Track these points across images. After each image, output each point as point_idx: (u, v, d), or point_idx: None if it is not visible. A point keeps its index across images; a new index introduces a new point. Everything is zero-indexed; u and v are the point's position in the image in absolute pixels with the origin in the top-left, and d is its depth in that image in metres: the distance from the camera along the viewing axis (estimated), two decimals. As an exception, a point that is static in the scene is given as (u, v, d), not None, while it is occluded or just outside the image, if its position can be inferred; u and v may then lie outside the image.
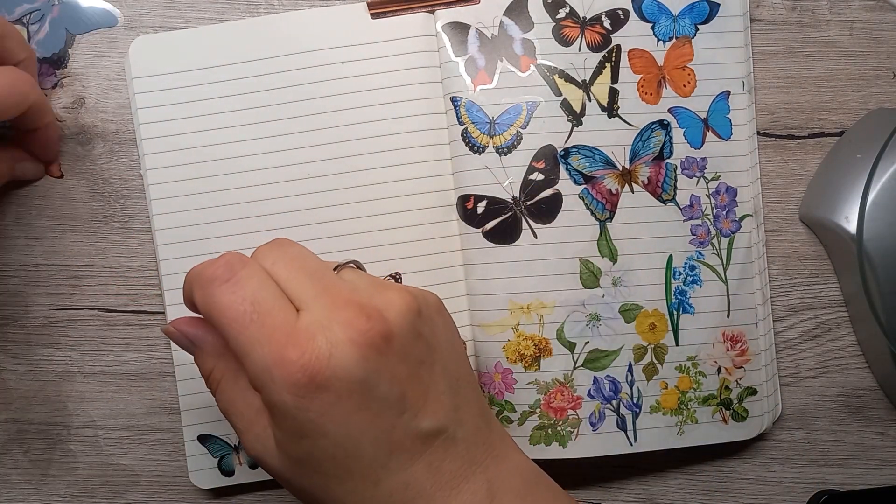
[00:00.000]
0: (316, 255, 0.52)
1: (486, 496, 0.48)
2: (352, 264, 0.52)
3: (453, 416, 0.49)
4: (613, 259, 0.64)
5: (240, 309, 0.46)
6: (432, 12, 0.64)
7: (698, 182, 0.64)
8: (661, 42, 0.64)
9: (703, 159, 0.64)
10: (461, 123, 0.63)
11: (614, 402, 0.64)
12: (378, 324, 0.46)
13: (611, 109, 0.64)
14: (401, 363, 0.47)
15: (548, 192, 0.63)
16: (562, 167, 0.63)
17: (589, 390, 0.64)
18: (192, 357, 0.53)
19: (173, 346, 0.64)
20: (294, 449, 0.47)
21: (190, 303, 0.50)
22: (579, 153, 0.64)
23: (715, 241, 0.65)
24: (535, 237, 0.63)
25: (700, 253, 0.65)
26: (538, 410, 0.64)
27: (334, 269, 0.51)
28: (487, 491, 0.48)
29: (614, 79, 0.64)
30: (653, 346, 0.65)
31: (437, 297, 0.52)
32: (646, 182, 0.64)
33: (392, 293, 0.48)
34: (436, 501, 0.47)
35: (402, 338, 0.47)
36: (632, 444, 0.65)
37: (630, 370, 0.64)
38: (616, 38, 0.64)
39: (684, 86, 0.64)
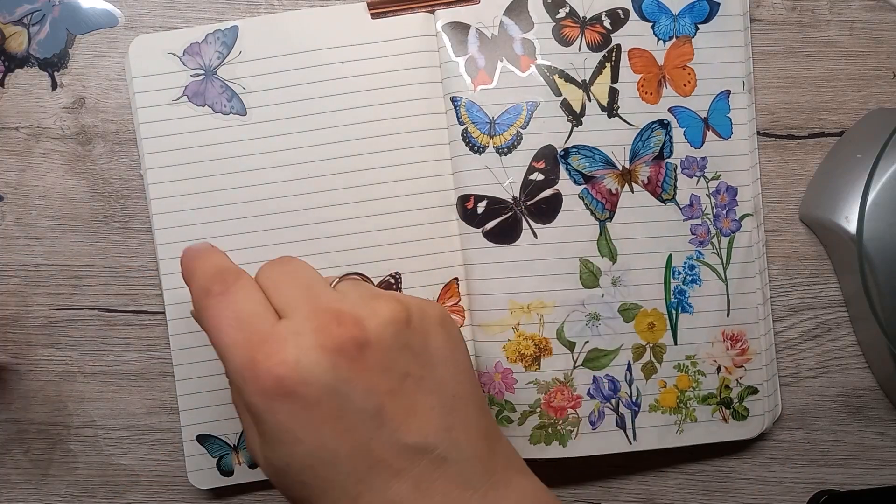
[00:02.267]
0: (316, 271, 0.51)
1: None
2: (355, 276, 0.52)
3: (445, 436, 0.47)
4: (613, 259, 0.64)
5: (224, 318, 0.47)
6: (432, 12, 0.64)
7: (698, 182, 0.65)
8: (661, 41, 0.64)
9: (704, 159, 0.64)
10: (461, 123, 0.63)
11: (614, 400, 0.64)
12: (350, 330, 0.45)
13: (611, 109, 0.64)
14: (379, 374, 0.46)
15: (548, 192, 0.63)
16: (562, 167, 0.63)
17: (588, 389, 0.64)
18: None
19: (173, 345, 0.64)
20: (273, 457, 0.47)
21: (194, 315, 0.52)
22: (579, 153, 0.64)
23: (715, 240, 0.65)
24: (535, 237, 0.63)
25: (700, 252, 0.65)
26: (538, 410, 0.64)
27: (333, 283, 0.51)
28: None
29: (614, 78, 0.64)
30: (651, 345, 0.65)
31: (441, 309, 0.51)
32: (646, 182, 0.64)
33: (380, 303, 0.47)
34: None
35: (381, 348, 0.46)
36: (631, 443, 0.65)
37: (629, 369, 0.65)
38: (616, 38, 0.64)
39: (684, 85, 0.65)
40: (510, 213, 0.63)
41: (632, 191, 0.64)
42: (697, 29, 0.65)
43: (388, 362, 0.46)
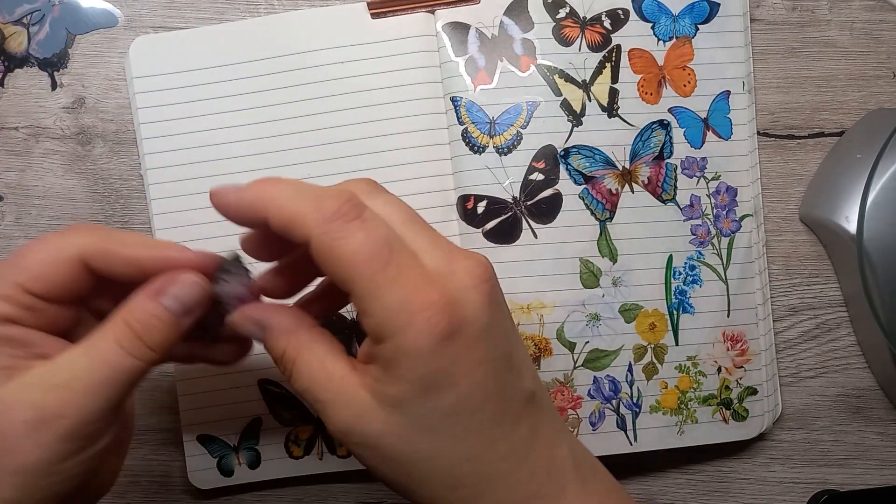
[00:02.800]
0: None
1: (572, 465, 0.47)
2: None
3: (538, 382, 0.48)
4: (613, 259, 0.64)
5: (375, 249, 0.43)
6: (432, 12, 0.64)
7: (698, 182, 0.65)
8: (661, 42, 0.64)
9: (704, 159, 0.64)
10: (461, 123, 0.63)
11: (614, 401, 0.64)
12: (491, 276, 0.45)
13: (611, 109, 0.64)
14: (507, 318, 0.47)
15: (548, 192, 0.63)
16: (562, 167, 0.63)
17: (589, 390, 0.64)
18: (262, 343, 0.49)
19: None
20: (417, 403, 0.44)
21: (254, 223, 0.48)
22: (579, 153, 0.64)
23: (715, 240, 0.65)
24: (536, 237, 0.63)
25: (700, 253, 0.65)
26: (538, 410, 0.64)
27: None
28: (573, 459, 0.47)
29: (614, 79, 0.64)
30: (653, 345, 0.65)
31: None
32: (646, 182, 0.64)
33: (479, 257, 0.46)
34: (537, 469, 0.46)
35: (502, 294, 0.47)
36: (632, 444, 0.65)
37: (630, 370, 0.64)
38: (616, 38, 0.64)
39: (684, 86, 0.65)
40: (510, 213, 0.63)
41: (632, 191, 0.64)
42: (697, 29, 0.65)
43: (507, 309, 0.47)
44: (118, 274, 0.47)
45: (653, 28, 0.64)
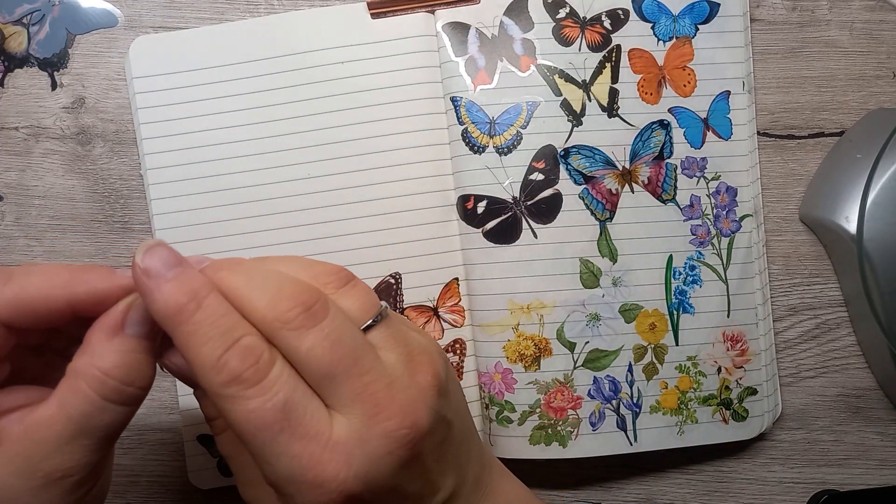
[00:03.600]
0: (359, 307, 0.45)
1: None
2: (381, 311, 0.46)
3: (460, 477, 0.47)
4: (613, 259, 0.64)
5: (268, 417, 0.40)
6: (432, 12, 0.64)
7: (698, 182, 0.65)
8: (661, 42, 0.64)
9: (704, 159, 0.64)
10: (461, 123, 0.63)
11: (614, 401, 0.64)
12: (416, 430, 0.43)
13: (611, 109, 0.64)
14: (429, 455, 0.44)
15: (548, 192, 0.63)
16: (562, 167, 0.63)
17: (589, 390, 0.64)
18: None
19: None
20: None
21: (190, 381, 0.46)
22: (579, 153, 0.64)
23: (715, 240, 0.65)
24: (536, 237, 0.63)
25: (700, 253, 0.65)
26: (538, 410, 0.64)
27: (363, 328, 0.44)
28: None
29: (614, 79, 0.64)
30: (653, 345, 0.65)
31: (442, 350, 0.48)
32: (646, 182, 0.64)
33: (423, 374, 0.45)
34: None
35: (432, 431, 0.44)
36: (632, 444, 0.65)
37: (630, 370, 0.64)
38: (616, 38, 0.64)
39: (684, 86, 0.65)
40: (510, 213, 0.63)
41: (632, 191, 0.64)
42: (697, 29, 0.65)
43: (435, 441, 0.45)
44: (41, 323, 0.45)
45: (653, 28, 0.64)
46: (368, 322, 0.45)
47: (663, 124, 0.64)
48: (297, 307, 0.42)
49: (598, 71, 0.64)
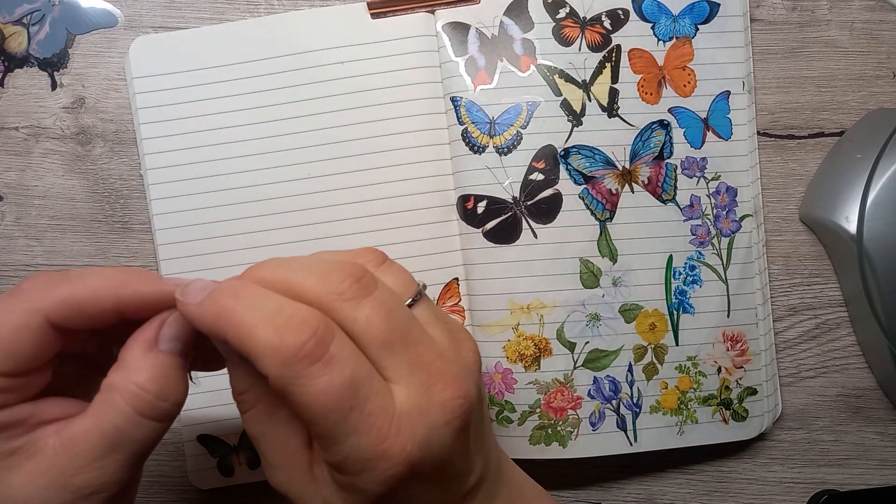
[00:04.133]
0: (401, 284, 0.46)
1: None
2: (420, 288, 0.47)
3: (486, 459, 0.48)
4: (613, 259, 0.64)
5: (336, 394, 0.40)
6: (432, 12, 0.64)
7: (698, 182, 0.65)
8: (661, 42, 0.64)
9: (704, 159, 0.64)
10: (461, 123, 0.63)
11: (614, 402, 0.64)
12: (469, 401, 0.43)
13: (611, 109, 0.64)
14: (473, 430, 0.45)
15: (548, 192, 0.63)
16: (562, 167, 0.63)
17: (589, 390, 0.64)
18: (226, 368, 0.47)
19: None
20: None
21: (236, 357, 0.45)
22: (579, 153, 0.64)
23: (715, 241, 0.65)
24: (536, 237, 0.63)
25: (700, 253, 0.65)
26: (538, 410, 0.64)
27: (408, 304, 0.45)
28: None
29: (614, 79, 0.64)
30: (653, 345, 0.65)
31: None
32: (646, 182, 0.64)
33: (467, 349, 0.46)
34: None
35: (478, 404, 0.45)
36: (632, 444, 0.65)
37: (630, 370, 0.64)
38: (616, 38, 0.64)
39: (684, 86, 0.65)
40: (510, 213, 0.63)
41: (632, 191, 0.64)
42: (697, 29, 0.65)
43: (477, 416, 0.45)
44: (88, 324, 0.45)
45: (653, 28, 0.64)
46: (411, 298, 0.46)
47: (663, 124, 0.64)
48: (349, 279, 0.42)
49: (598, 71, 0.64)
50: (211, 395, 0.64)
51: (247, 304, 0.41)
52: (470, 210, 0.63)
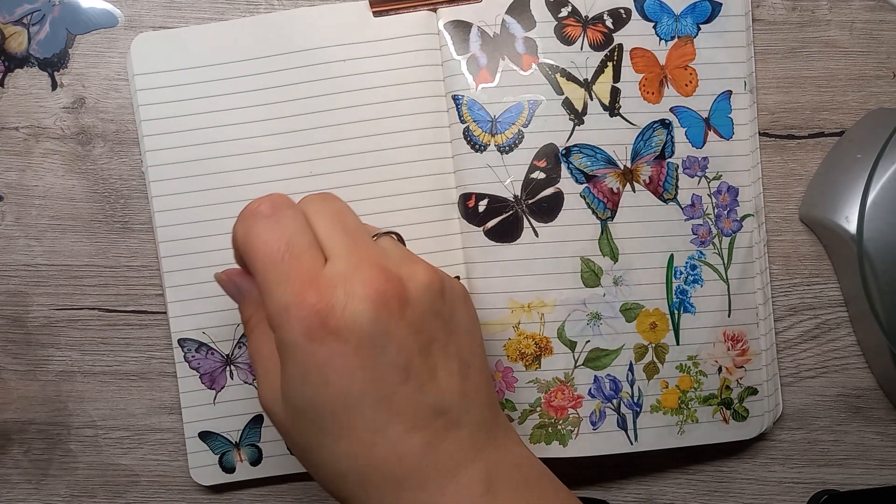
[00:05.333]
0: (358, 217, 0.52)
1: (483, 484, 0.48)
2: (393, 235, 0.53)
3: (459, 401, 0.49)
4: (614, 258, 0.64)
5: (273, 246, 0.47)
6: (434, 10, 0.64)
7: (700, 181, 0.65)
8: (663, 41, 0.65)
9: (705, 159, 0.65)
10: (463, 122, 0.63)
11: (615, 401, 0.64)
12: (396, 288, 0.47)
13: (612, 108, 0.64)
14: (412, 334, 0.47)
15: (549, 191, 0.63)
16: (563, 166, 0.63)
17: (589, 389, 0.64)
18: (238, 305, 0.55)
19: (174, 344, 0.64)
20: (297, 395, 0.47)
21: (234, 242, 0.51)
22: (581, 152, 0.64)
23: (716, 240, 0.65)
24: (537, 236, 0.63)
25: (701, 252, 0.65)
26: (539, 409, 0.64)
27: (373, 236, 0.51)
28: (486, 479, 0.48)
29: (616, 78, 0.64)
30: (654, 345, 0.65)
31: (464, 287, 0.53)
32: (647, 181, 0.64)
33: (419, 267, 0.49)
34: (429, 482, 0.47)
35: (418, 310, 0.47)
36: (632, 444, 0.65)
37: (631, 369, 0.64)
38: (618, 37, 0.64)
39: (686, 85, 0.65)
40: (511, 212, 0.63)
41: (633, 190, 0.64)
42: (699, 29, 0.65)
43: (421, 324, 0.48)
44: None
45: (655, 27, 0.65)
46: (380, 230, 0.53)
47: (665, 124, 0.64)
48: (264, 203, 0.50)
49: (599, 70, 0.64)
50: (213, 393, 0.64)
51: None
52: (471, 208, 0.63)
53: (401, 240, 0.53)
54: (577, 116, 0.64)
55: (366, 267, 0.47)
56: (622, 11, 0.64)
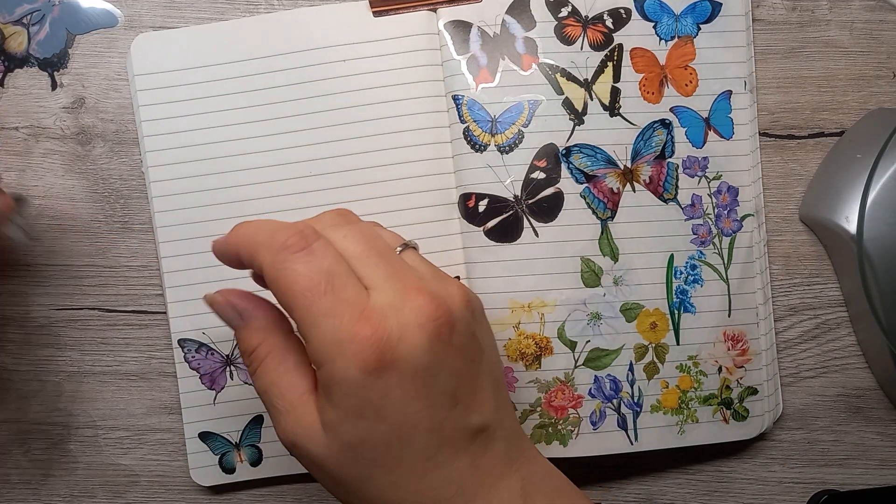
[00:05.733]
0: (388, 236, 0.52)
1: (520, 494, 0.48)
2: (412, 246, 0.52)
3: (495, 416, 0.48)
4: (615, 258, 0.64)
5: (314, 280, 0.45)
6: (434, 10, 0.64)
7: (700, 181, 0.65)
8: (663, 41, 0.65)
9: (705, 159, 0.65)
10: (463, 122, 0.63)
11: (615, 401, 0.64)
12: (446, 314, 0.46)
13: (612, 108, 0.64)
14: (458, 357, 0.47)
15: (549, 191, 0.63)
16: (563, 166, 0.63)
17: (590, 389, 0.64)
18: (233, 331, 0.52)
19: (174, 344, 0.64)
20: (349, 431, 0.46)
21: (239, 263, 0.50)
22: (581, 152, 0.64)
23: (716, 240, 0.65)
24: (537, 236, 0.63)
25: (701, 252, 0.65)
26: (539, 409, 0.64)
27: (398, 250, 0.50)
28: (522, 489, 0.48)
29: (616, 78, 0.64)
30: (654, 345, 0.65)
31: (479, 299, 0.52)
32: (647, 181, 0.64)
33: (453, 287, 0.48)
34: (476, 498, 0.47)
35: (463, 333, 0.47)
36: (632, 444, 0.65)
37: (631, 369, 0.64)
38: (618, 37, 0.64)
39: (686, 85, 0.65)
40: (511, 212, 0.63)
41: (633, 190, 0.64)
42: (699, 29, 0.65)
43: (465, 347, 0.47)
44: None
45: (655, 27, 0.65)
46: (398, 247, 0.51)
47: (665, 123, 0.64)
48: (293, 234, 0.47)
49: (599, 70, 0.64)
50: (212, 393, 0.64)
51: (250, 224, 0.49)
52: (471, 208, 0.63)
53: (416, 249, 0.53)
54: (578, 116, 0.64)
55: (413, 294, 0.46)
56: (622, 11, 0.64)
